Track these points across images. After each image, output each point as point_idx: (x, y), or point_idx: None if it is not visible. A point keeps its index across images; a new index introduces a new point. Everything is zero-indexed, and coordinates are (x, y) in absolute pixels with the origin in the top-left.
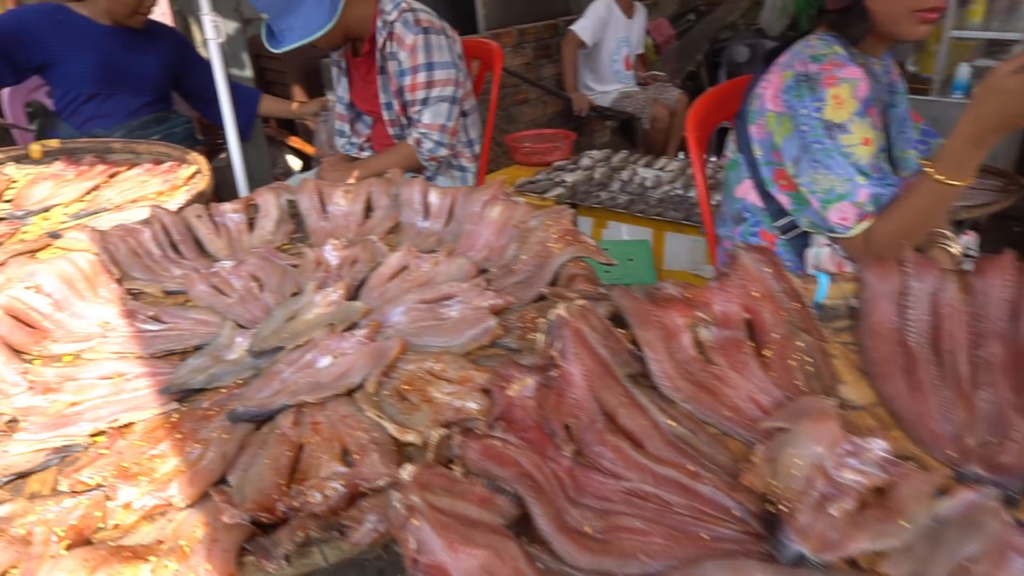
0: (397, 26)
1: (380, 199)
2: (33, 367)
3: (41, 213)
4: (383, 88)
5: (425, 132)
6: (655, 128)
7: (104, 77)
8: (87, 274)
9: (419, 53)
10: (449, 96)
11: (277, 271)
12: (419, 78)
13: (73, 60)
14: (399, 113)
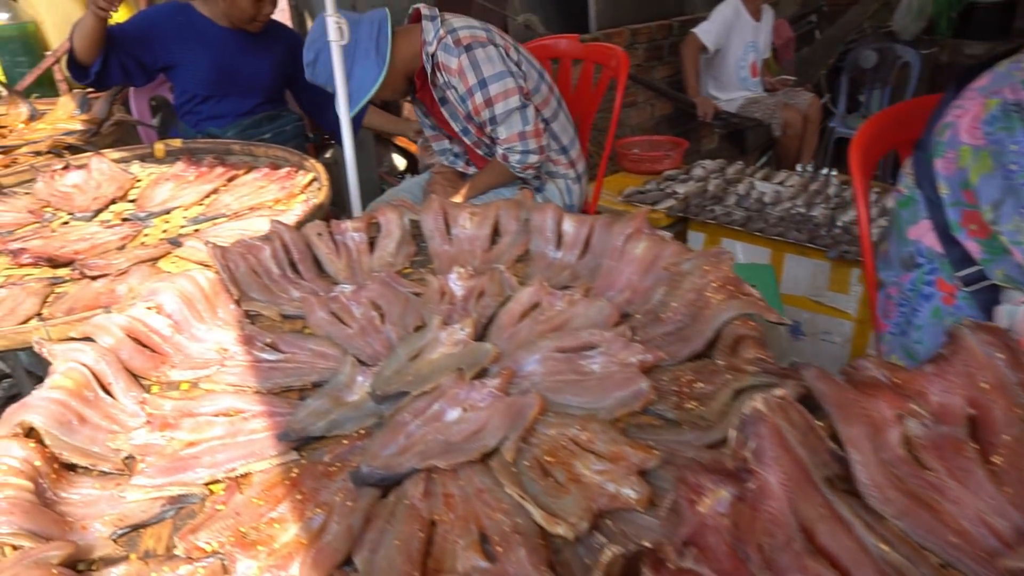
0: (440, 54)
1: (509, 223)
2: (151, 397)
3: (161, 215)
4: (452, 117)
5: (507, 147)
6: (787, 135)
7: (219, 79)
8: (207, 293)
9: (468, 74)
10: (516, 105)
11: (399, 300)
12: (477, 99)
13: (191, 62)
14: (478, 135)
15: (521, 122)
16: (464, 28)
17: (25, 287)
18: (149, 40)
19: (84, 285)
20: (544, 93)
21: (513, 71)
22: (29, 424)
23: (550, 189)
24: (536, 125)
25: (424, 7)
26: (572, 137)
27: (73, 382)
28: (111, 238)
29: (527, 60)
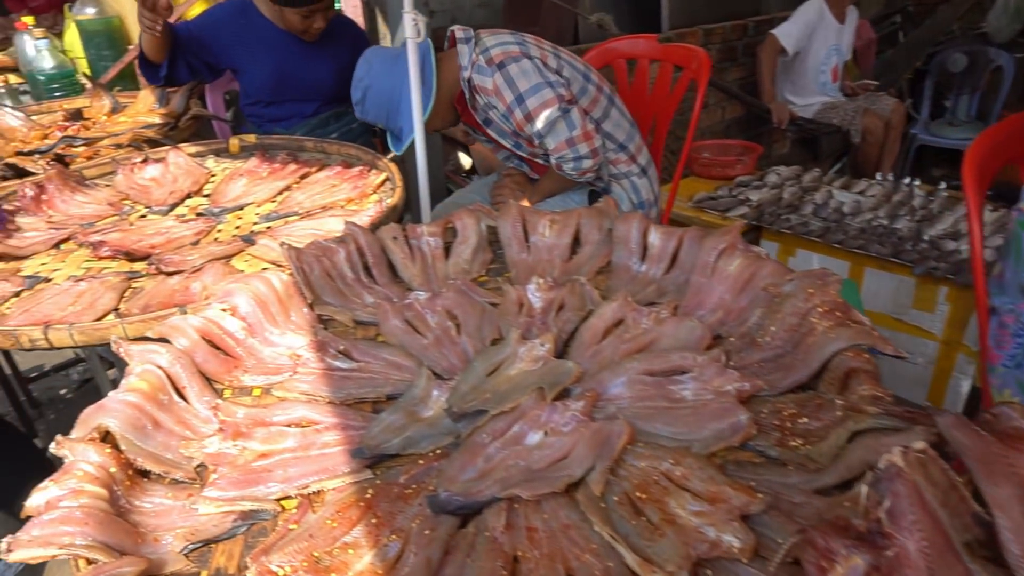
0: (475, 77)
1: (591, 233)
2: (224, 404)
3: (235, 211)
4: (500, 135)
5: (558, 156)
6: (867, 142)
7: (278, 85)
8: (281, 296)
9: (504, 92)
10: (557, 114)
11: (475, 310)
12: (517, 115)
13: (251, 67)
14: (530, 147)
15: (567, 128)
16: (496, 46)
17: (104, 281)
18: (211, 42)
19: (160, 281)
20: (591, 93)
21: (551, 80)
22: (105, 428)
23: (616, 191)
24: (584, 128)
25: (459, 29)
26: (629, 132)
27: (149, 385)
28: (185, 233)
29: (569, 64)
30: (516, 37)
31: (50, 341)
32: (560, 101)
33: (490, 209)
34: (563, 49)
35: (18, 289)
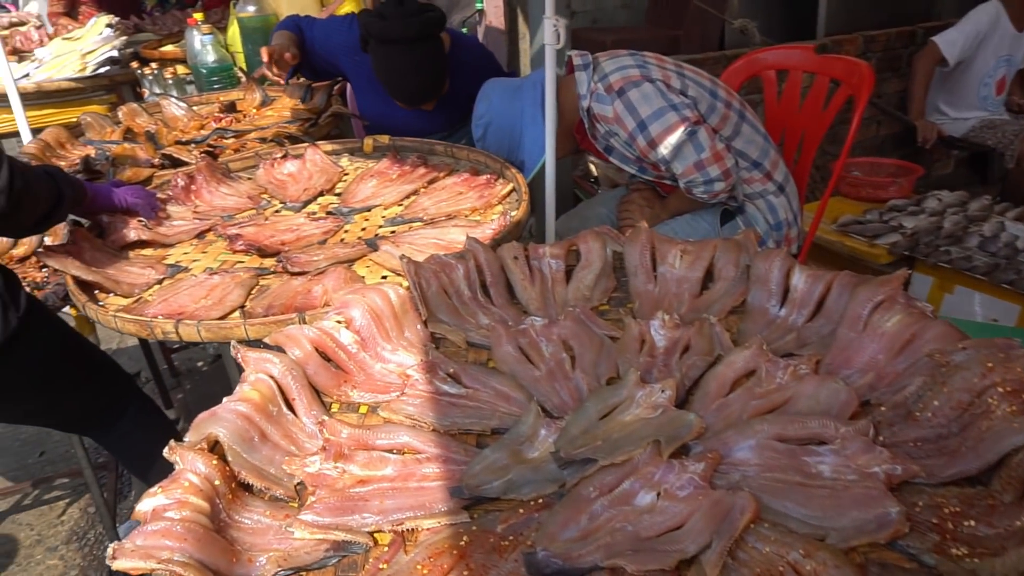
0: (594, 106)
1: (726, 268)
2: (329, 421)
3: (362, 212)
4: (623, 162)
5: (688, 180)
6: (1021, 168)
7: (384, 122)
8: (396, 311)
9: (625, 119)
10: (683, 137)
11: (593, 343)
12: (641, 142)
13: (363, 103)
14: (656, 171)
15: (695, 151)
16: (615, 71)
17: (235, 276)
18: (328, 57)
19: (285, 281)
20: (720, 111)
21: (675, 103)
22: (215, 437)
23: (750, 212)
24: (713, 149)
25: (576, 55)
26: (763, 147)
27: (260, 395)
28: (314, 231)
29: (694, 82)
30: (636, 59)
31: (180, 335)
32: (685, 123)
33: (617, 233)
34: (687, 66)
35: (161, 277)
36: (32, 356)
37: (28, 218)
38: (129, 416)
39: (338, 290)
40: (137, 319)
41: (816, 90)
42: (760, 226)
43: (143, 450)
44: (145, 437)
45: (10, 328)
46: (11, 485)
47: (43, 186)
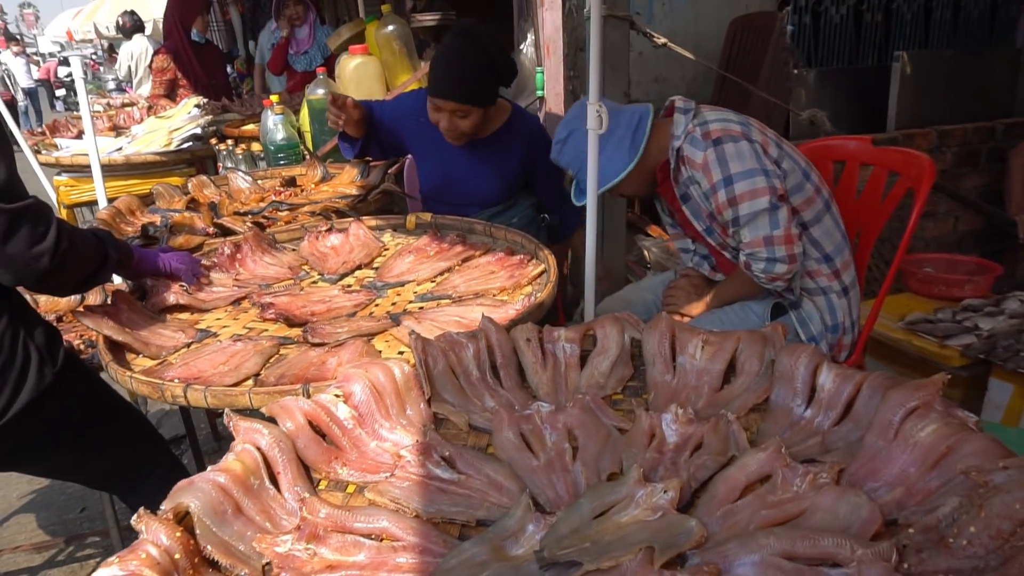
0: (685, 147)
1: (749, 361)
2: (310, 499)
3: (396, 287)
4: (694, 215)
5: (750, 252)
6: None
7: (444, 188)
8: (400, 388)
9: (713, 169)
10: (764, 207)
11: (599, 434)
12: (720, 197)
13: (424, 165)
14: (723, 235)
15: (769, 225)
16: (717, 121)
17: (256, 344)
18: (397, 128)
19: (303, 351)
20: (808, 192)
21: (767, 168)
22: (185, 507)
23: (807, 308)
24: (788, 230)
25: (680, 100)
26: (839, 244)
27: (242, 466)
28: (345, 304)
29: (790, 156)
30: (740, 117)
31: (188, 400)
32: (772, 194)
33: (637, 320)
34: (786, 141)
35: (189, 341)
36: (65, 412)
37: (72, 277)
38: (156, 477)
39: (352, 363)
40: (150, 381)
41: (873, 182)
42: (814, 325)
43: None
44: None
45: (44, 383)
46: (47, 539)
47: (89, 247)
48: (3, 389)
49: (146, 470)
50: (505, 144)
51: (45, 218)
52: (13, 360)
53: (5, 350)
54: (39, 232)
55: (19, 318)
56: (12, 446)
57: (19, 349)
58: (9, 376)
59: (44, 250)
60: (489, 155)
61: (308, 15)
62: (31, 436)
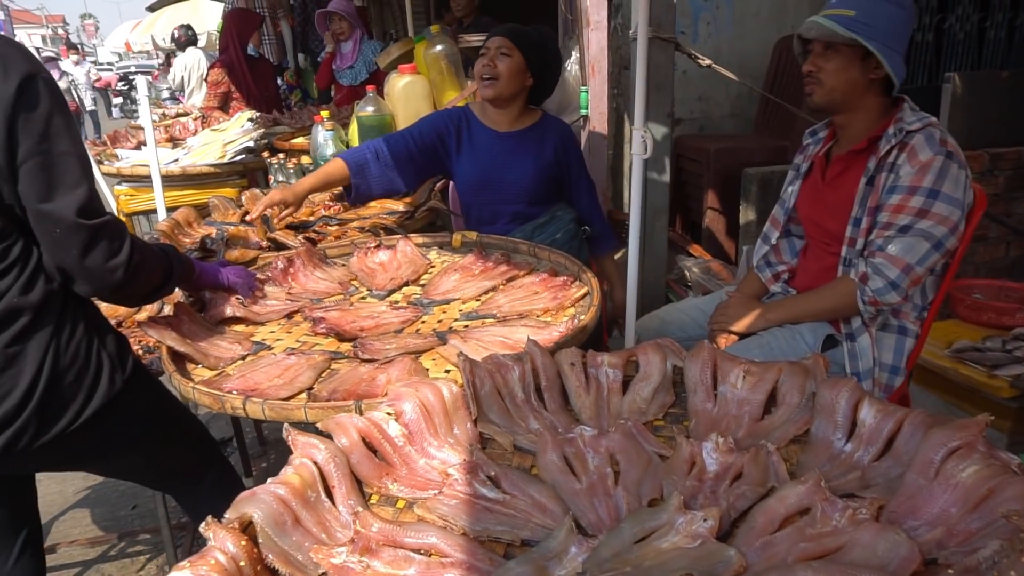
0: (917, 137)
1: (790, 393)
2: (363, 513)
3: (442, 304)
4: (860, 200)
5: (881, 265)
6: None
7: (481, 185)
8: (448, 407)
9: (928, 174)
10: (937, 237)
11: (641, 459)
12: (912, 201)
13: (461, 168)
14: (862, 235)
15: (920, 255)
16: (954, 143)
17: (309, 358)
18: (431, 144)
19: (354, 367)
20: (955, 243)
21: (964, 208)
22: (249, 517)
23: (862, 343)
24: (925, 271)
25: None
26: (935, 293)
27: (300, 480)
28: (393, 320)
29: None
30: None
31: (247, 412)
32: (952, 232)
33: (679, 347)
34: None
35: (245, 353)
36: (130, 416)
37: (142, 289)
38: (208, 480)
39: (401, 380)
40: (211, 392)
41: None
42: (864, 362)
43: (216, 515)
44: (220, 503)
45: (115, 389)
46: (101, 535)
47: (158, 262)
48: (78, 394)
49: (200, 472)
50: (537, 137)
51: (120, 234)
52: (88, 366)
53: (81, 357)
54: (115, 247)
55: (93, 327)
56: (82, 448)
57: (93, 356)
58: (84, 382)
59: (119, 264)
60: (521, 148)
61: (353, 31)
62: (100, 439)
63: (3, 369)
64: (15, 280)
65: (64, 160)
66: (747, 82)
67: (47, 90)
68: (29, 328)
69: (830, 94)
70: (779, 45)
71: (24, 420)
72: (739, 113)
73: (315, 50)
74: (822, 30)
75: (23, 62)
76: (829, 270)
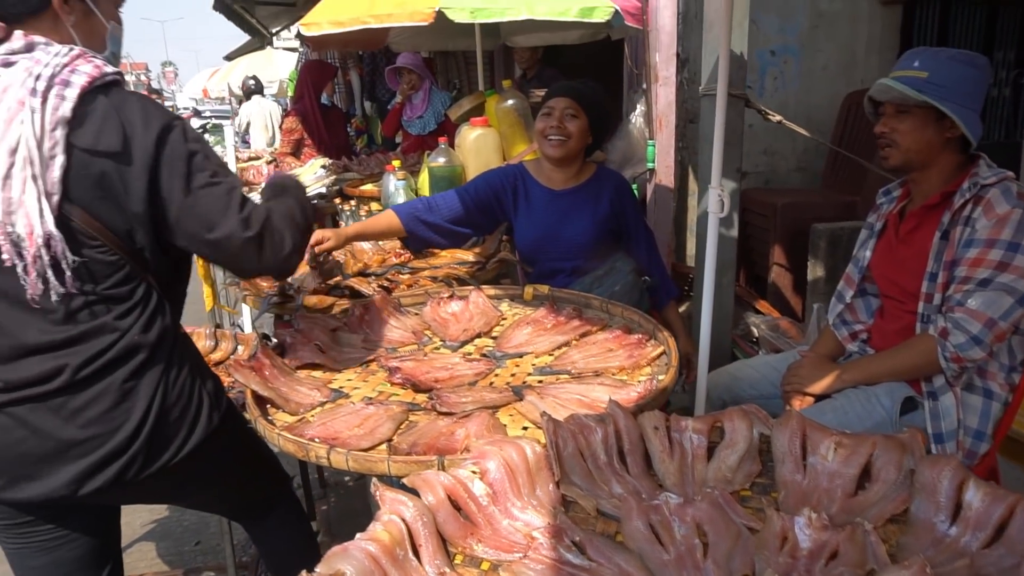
0: (993, 191)
1: (886, 469)
2: (449, 574)
3: (514, 358)
4: (935, 255)
5: (961, 320)
6: None
7: (539, 244)
8: (531, 468)
9: (1006, 227)
10: (1020, 291)
11: (730, 532)
12: (991, 254)
13: (520, 227)
14: (939, 290)
15: (1004, 311)
16: None
17: (387, 409)
18: (487, 201)
19: (432, 420)
20: None
21: None
22: (342, 574)
23: (945, 403)
24: (1010, 327)
25: None
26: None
27: (390, 537)
28: (467, 372)
29: None
30: None
31: (331, 461)
32: None
33: (766, 415)
34: None
35: (324, 400)
36: (222, 451)
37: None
38: (277, 514)
39: (479, 436)
40: (296, 440)
41: None
42: (947, 423)
43: (283, 549)
44: (287, 537)
45: (212, 426)
46: (167, 570)
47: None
48: (181, 429)
49: (271, 505)
50: (593, 192)
51: (274, 225)
52: (191, 403)
53: (185, 394)
54: (278, 239)
55: (196, 366)
56: (179, 480)
57: (195, 394)
58: (187, 418)
59: (289, 251)
60: (579, 203)
61: (422, 83)
62: (194, 473)
63: (118, 403)
64: (137, 319)
65: (211, 189)
66: (816, 136)
67: (182, 134)
68: (144, 365)
69: (905, 155)
70: (848, 99)
71: (134, 451)
72: (806, 167)
73: (382, 98)
74: (894, 93)
75: (159, 115)
76: (907, 330)
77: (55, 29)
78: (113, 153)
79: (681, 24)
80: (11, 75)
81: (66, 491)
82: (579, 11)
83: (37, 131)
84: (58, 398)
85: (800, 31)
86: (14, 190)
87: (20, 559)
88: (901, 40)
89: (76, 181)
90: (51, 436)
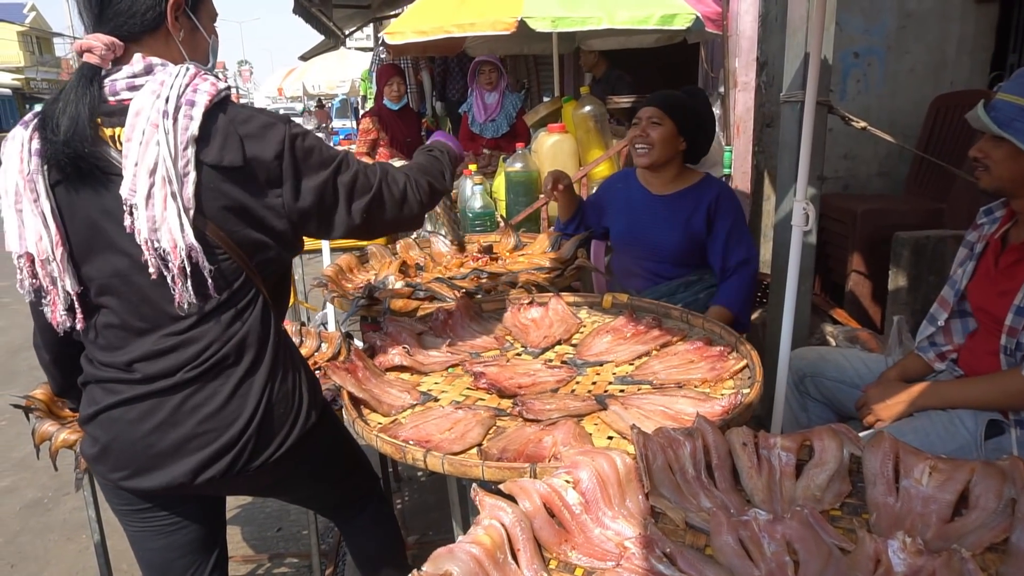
0: None
1: (985, 496)
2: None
3: (595, 366)
4: None
5: None
6: None
7: (626, 239)
8: (621, 478)
9: None
10: None
11: (821, 551)
12: None
13: (615, 224)
14: (1016, 323)
15: None
16: None
17: (476, 413)
18: (598, 205)
19: (519, 426)
20: None
21: None
22: (449, 573)
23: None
24: None
25: None
26: None
27: (491, 541)
28: (548, 378)
29: None
30: None
31: (427, 464)
32: None
33: (857, 436)
34: None
35: (414, 403)
36: (319, 448)
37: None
38: (368, 512)
39: (567, 444)
40: (393, 442)
41: None
42: None
43: (372, 546)
44: (377, 535)
45: (310, 423)
46: (252, 554)
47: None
48: (281, 429)
49: (364, 503)
50: (692, 201)
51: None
52: (293, 400)
53: (289, 391)
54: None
55: (299, 365)
56: (280, 475)
57: (297, 391)
58: (290, 414)
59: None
60: (672, 212)
61: (500, 82)
62: (293, 468)
63: (233, 397)
64: (250, 321)
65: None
66: (900, 142)
67: (291, 139)
68: (257, 361)
69: (998, 182)
70: (936, 102)
71: (243, 444)
72: (888, 172)
73: (452, 98)
74: (979, 124)
75: (271, 124)
76: (997, 354)
77: (167, 45)
78: (235, 168)
79: (760, 27)
80: (141, 99)
81: (184, 480)
82: (660, 19)
83: (172, 151)
84: (183, 392)
85: (886, 32)
86: (156, 208)
87: (140, 541)
88: (997, 40)
89: (206, 196)
90: (174, 430)
